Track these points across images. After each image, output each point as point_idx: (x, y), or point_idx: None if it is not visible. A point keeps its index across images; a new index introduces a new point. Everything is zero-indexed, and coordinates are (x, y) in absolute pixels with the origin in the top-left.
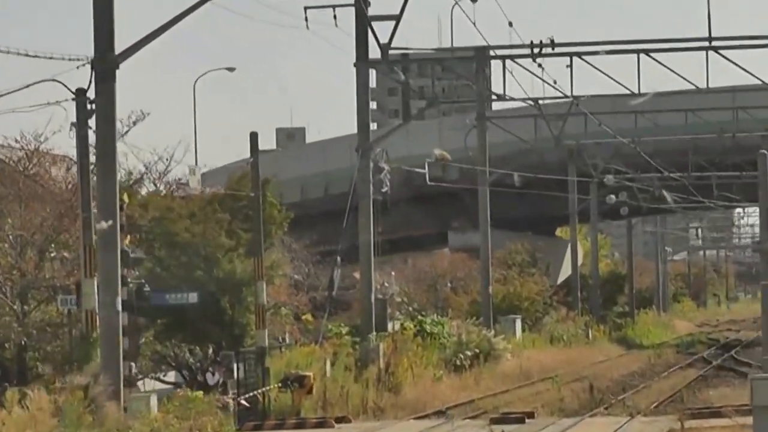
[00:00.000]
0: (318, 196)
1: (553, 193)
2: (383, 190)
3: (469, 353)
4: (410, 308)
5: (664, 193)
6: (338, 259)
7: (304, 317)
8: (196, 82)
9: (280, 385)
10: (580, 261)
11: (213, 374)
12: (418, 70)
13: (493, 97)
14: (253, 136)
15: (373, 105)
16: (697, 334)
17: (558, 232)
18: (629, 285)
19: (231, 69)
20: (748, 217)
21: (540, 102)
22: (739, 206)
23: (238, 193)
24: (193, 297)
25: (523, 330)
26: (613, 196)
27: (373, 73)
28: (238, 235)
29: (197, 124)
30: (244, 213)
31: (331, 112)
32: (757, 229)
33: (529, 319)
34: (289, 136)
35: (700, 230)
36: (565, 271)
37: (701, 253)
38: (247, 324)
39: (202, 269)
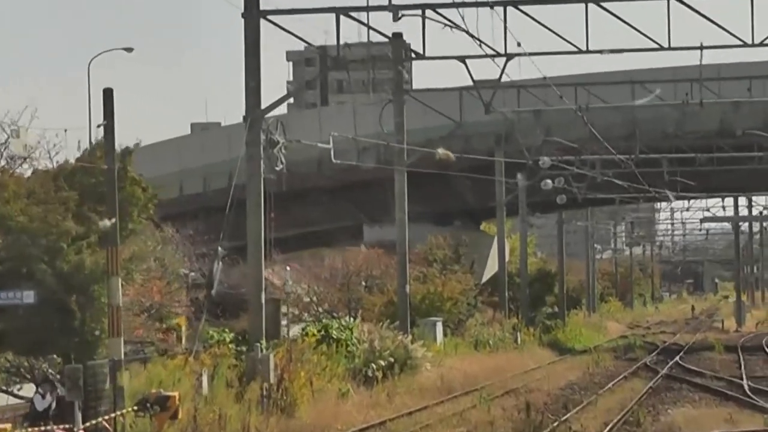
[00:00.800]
0: (222, 187)
1: (483, 177)
2: (278, 168)
3: (382, 363)
4: (320, 309)
5: (612, 178)
6: (219, 250)
7: (175, 322)
8: (90, 63)
9: (136, 408)
10: (506, 258)
11: (42, 396)
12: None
13: (412, 55)
14: (107, 93)
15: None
16: (630, 336)
17: (483, 226)
18: (559, 284)
19: (128, 49)
20: (683, 212)
21: (467, 61)
22: (692, 197)
23: (91, 165)
24: (28, 296)
25: (445, 334)
26: (549, 181)
27: (289, 66)
28: (90, 219)
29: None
30: (99, 192)
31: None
32: (690, 225)
33: (452, 321)
34: (204, 129)
35: (624, 228)
36: (491, 269)
37: (627, 251)
38: (103, 330)
39: (45, 262)
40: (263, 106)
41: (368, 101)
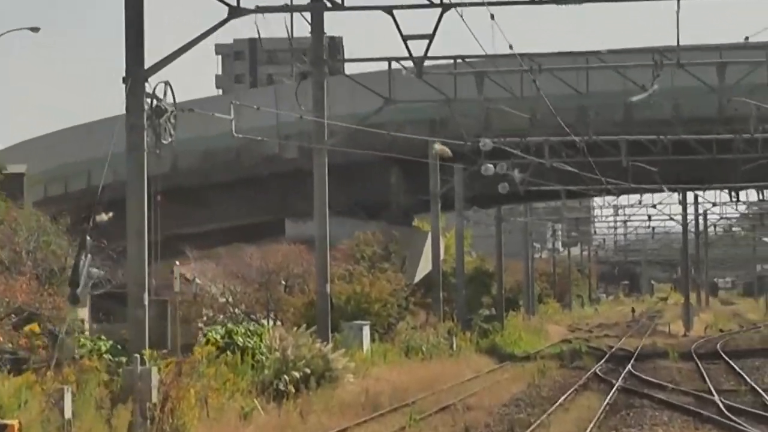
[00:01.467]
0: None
1: (418, 159)
2: (166, 142)
3: (296, 374)
4: (236, 311)
5: (562, 163)
6: (87, 239)
7: (28, 327)
8: None
9: None
10: (441, 255)
11: None
12: None
13: (328, 4)
14: None
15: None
16: (574, 341)
17: (416, 222)
18: (498, 283)
19: (35, 29)
20: (625, 208)
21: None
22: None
23: None
24: None
25: (373, 340)
26: (491, 166)
27: (218, 60)
28: None
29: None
30: None
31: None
32: (631, 224)
33: (381, 325)
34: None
35: (562, 227)
36: (425, 268)
37: (565, 251)
38: None
39: None
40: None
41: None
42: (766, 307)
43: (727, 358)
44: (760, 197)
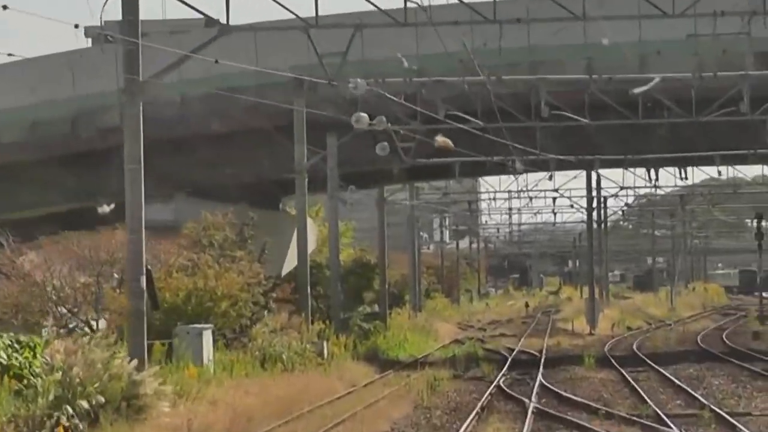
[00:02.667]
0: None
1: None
2: None
3: (84, 404)
4: (61, 310)
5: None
6: None
7: None
8: None
9: None
10: (312, 245)
11: None
12: None
13: None
14: None
15: None
16: (466, 341)
17: (284, 204)
18: (381, 275)
19: None
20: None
21: None
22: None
23: None
24: None
25: (218, 348)
26: (364, 115)
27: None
28: None
29: None
30: None
31: None
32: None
33: (231, 329)
34: None
35: (449, 219)
36: (295, 258)
37: (453, 244)
38: None
39: None
40: None
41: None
42: (669, 302)
43: (652, 364)
44: (681, 176)
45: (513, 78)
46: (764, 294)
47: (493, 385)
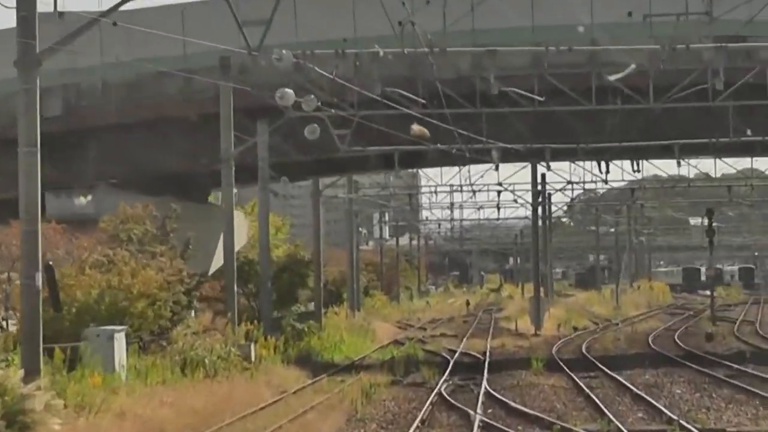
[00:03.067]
0: None
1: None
2: None
3: None
4: None
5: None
6: None
7: None
8: None
9: None
10: (243, 240)
11: None
12: None
13: None
14: None
15: None
16: (406, 342)
17: (213, 197)
18: (315, 272)
19: None
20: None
21: None
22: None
23: None
24: None
25: (133, 352)
26: (289, 91)
27: None
28: None
29: None
30: None
31: None
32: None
33: (148, 331)
34: None
35: (389, 215)
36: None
37: (392, 241)
38: None
39: None
40: None
41: None
42: (614, 301)
43: (604, 368)
44: (634, 168)
45: (458, 50)
46: (707, 292)
47: (434, 393)
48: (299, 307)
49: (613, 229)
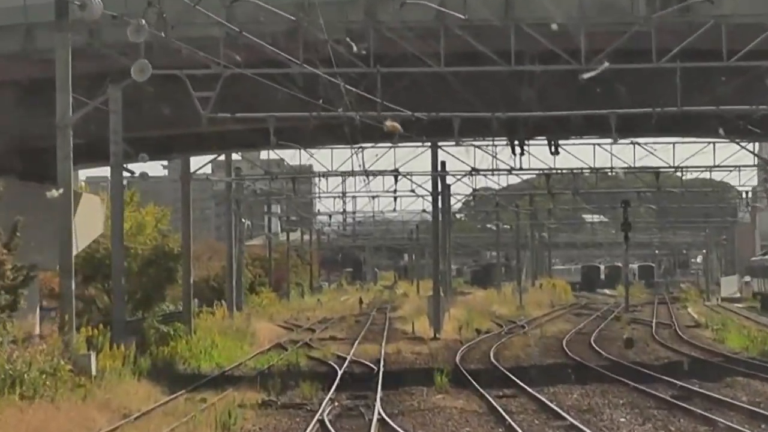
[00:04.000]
0: None
1: None
2: None
3: None
4: None
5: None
6: None
7: None
8: None
9: None
10: (99, 229)
11: None
12: None
13: None
14: None
15: None
16: (290, 346)
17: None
18: (184, 266)
19: None
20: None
21: None
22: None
23: None
24: None
25: None
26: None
27: None
28: None
29: None
30: None
31: None
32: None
33: None
34: None
35: (279, 209)
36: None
37: (282, 235)
38: None
39: None
40: None
41: None
42: (517, 300)
43: (521, 383)
44: (552, 151)
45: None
46: (607, 291)
47: (314, 420)
48: (168, 307)
49: (507, 226)
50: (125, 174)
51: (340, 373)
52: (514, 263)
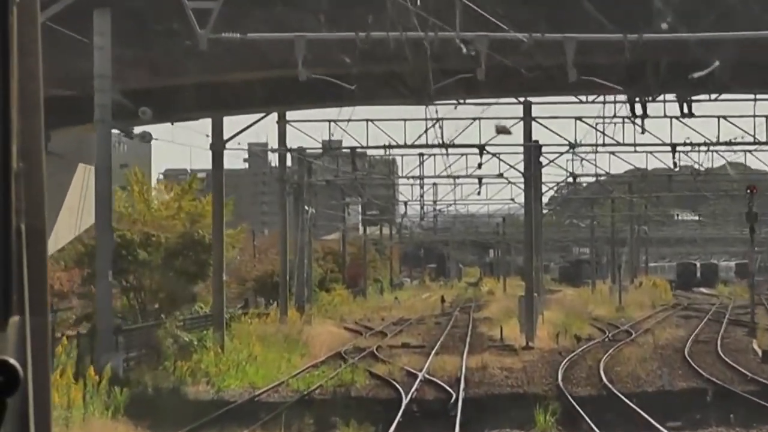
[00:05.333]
0: None
1: None
2: None
3: None
4: None
5: None
6: None
7: None
8: None
9: None
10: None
11: None
12: None
13: None
14: None
15: None
16: (349, 357)
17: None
18: (215, 259)
19: None
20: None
21: None
22: None
23: None
24: None
25: None
26: None
27: None
28: None
29: None
30: None
31: None
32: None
33: None
34: None
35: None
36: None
37: (361, 229)
38: None
39: None
40: None
41: None
42: (617, 300)
43: (662, 429)
44: (683, 112)
45: None
46: (704, 290)
47: None
48: (201, 308)
49: (595, 222)
50: (114, 131)
51: (405, 402)
52: (605, 260)
